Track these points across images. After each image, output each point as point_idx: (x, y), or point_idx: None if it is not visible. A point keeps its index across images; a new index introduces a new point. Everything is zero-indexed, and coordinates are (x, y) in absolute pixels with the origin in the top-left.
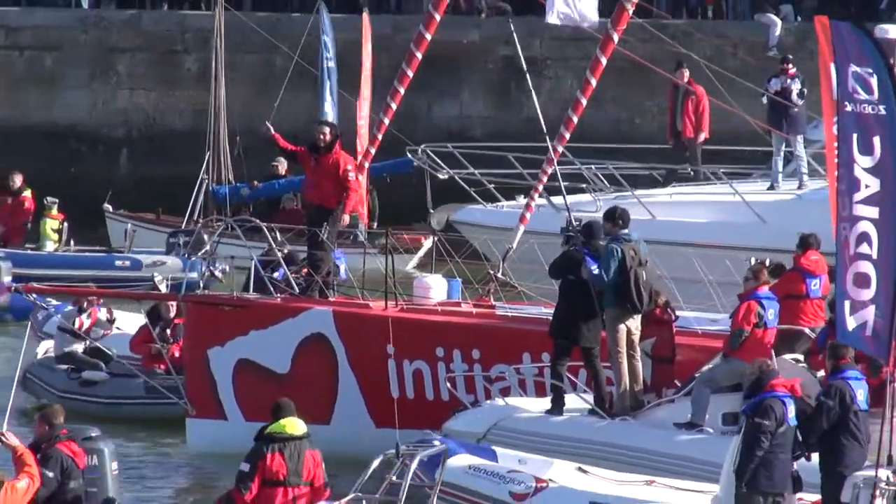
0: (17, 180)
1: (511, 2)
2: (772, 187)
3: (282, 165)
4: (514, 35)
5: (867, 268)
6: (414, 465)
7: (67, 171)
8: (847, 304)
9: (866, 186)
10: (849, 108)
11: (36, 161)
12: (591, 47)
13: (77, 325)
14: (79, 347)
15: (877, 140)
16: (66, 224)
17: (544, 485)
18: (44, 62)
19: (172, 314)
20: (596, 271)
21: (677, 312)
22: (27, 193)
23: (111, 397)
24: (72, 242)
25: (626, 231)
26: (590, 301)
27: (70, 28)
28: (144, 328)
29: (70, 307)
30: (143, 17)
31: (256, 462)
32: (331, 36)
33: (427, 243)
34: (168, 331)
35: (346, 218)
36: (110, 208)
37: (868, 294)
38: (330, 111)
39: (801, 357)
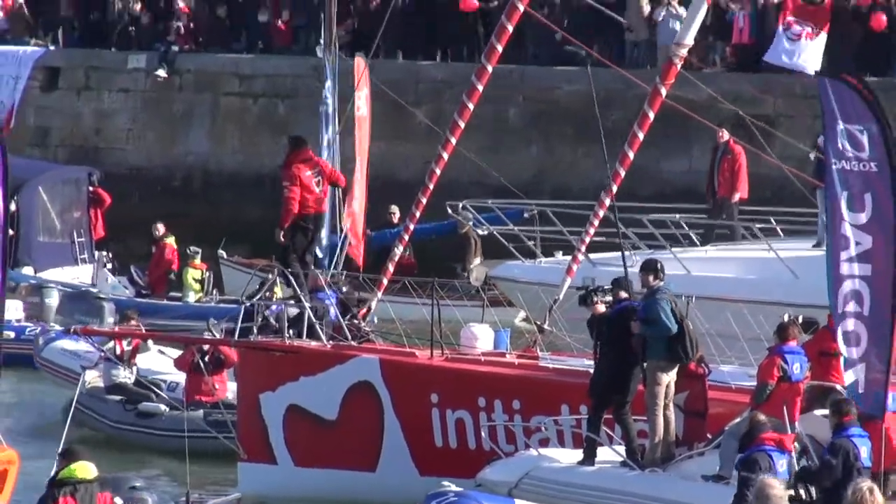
0: (160, 229)
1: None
2: (819, 244)
3: (395, 215)
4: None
5: (856, 325)
6: None
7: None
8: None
9: (857, 244)
10: (837, 166)
11: (266, 207)
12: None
13: (118, 351)
14: (127, 377)
15: (868, 197)
16: (209, 274)
17: None
18: (277, 110)
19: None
20: (650, 325)
21: (712, 367)
22: (170, 241)
23: (171, 429)
24: (215, 292)
25: (662, 283)
26: (632, 356)
27: (303, 76)
28: (188, 351)
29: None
30: (376, 66)
31: None
32: (331, 80)
33: None
34: (207, 358)
35: (280, 234)
36: (224, 254)
37: (858, 352)
38: (325, 154)
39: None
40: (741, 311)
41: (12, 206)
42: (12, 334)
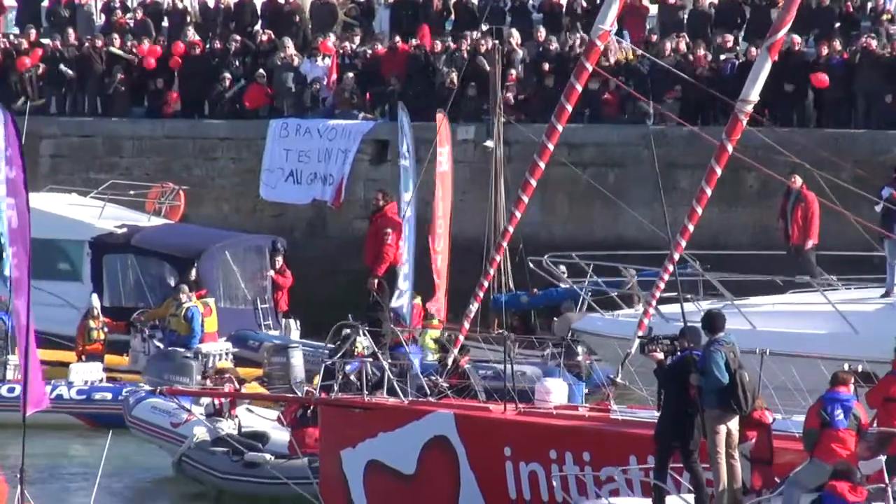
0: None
1: None
2: (887, 294)
3: (564, 273)
4: None
5: None
6: None
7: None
8: None
9: None
10: None
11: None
12: None
13: (218, 405)
14: (231, 428)
15: None
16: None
17: None
18: (607, 178)
19: None
20: (703, 375)
21: (781, 418)
22: (417, 302)
23: (277, 478)
24: None
25: (722, 334)
26: (691, 404)
27: (632, 144)
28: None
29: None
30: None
31: None
32: (409, 136)
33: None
34: (310, 411)
35: (375, 282)
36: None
37: None
38: (404, 208)
39: None
40: (805, 364)
41: (192, 273)
42: (109, 395)
